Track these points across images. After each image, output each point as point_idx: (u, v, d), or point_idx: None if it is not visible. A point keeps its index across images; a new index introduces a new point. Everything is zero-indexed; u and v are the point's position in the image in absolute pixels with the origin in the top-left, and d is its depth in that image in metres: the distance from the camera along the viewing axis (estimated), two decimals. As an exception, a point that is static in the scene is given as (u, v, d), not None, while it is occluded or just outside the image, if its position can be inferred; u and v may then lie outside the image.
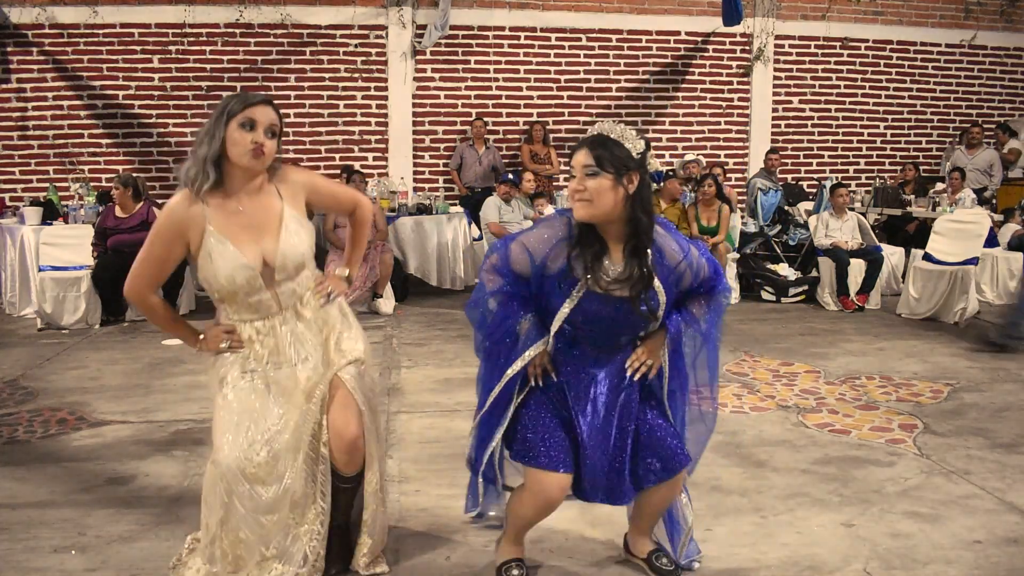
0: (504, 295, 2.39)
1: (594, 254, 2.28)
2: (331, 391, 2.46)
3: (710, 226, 7.64)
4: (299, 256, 2.41)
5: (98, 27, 8.77)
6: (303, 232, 2.44)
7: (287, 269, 2.40)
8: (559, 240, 2.31)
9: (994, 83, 10.75)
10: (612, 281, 2.28)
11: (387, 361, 5.46)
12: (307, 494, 2.43)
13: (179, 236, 2.33)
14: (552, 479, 2.32)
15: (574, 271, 2.29)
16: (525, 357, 2.36)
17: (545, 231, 2.35)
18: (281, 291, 2.42)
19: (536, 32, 9.63)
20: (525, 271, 2.36)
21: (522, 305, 2.38)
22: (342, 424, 2.42)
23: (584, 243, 2.28)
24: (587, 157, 2.23)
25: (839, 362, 5.40)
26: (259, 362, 2.43)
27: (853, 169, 10.57)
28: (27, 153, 8.92)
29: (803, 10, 10.13)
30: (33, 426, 4.15)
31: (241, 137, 2.27)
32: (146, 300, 2.43)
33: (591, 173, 2.22)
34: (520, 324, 2.37)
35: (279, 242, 2.37)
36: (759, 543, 2.83)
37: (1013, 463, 3.58)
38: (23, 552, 2.76)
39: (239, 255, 2.32)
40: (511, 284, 2.38)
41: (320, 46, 9.24)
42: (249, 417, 2.37)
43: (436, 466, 3.57)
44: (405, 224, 7.84)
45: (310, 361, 2.47)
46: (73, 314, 6.64)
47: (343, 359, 2.51)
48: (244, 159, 2.28)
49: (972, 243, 7.10)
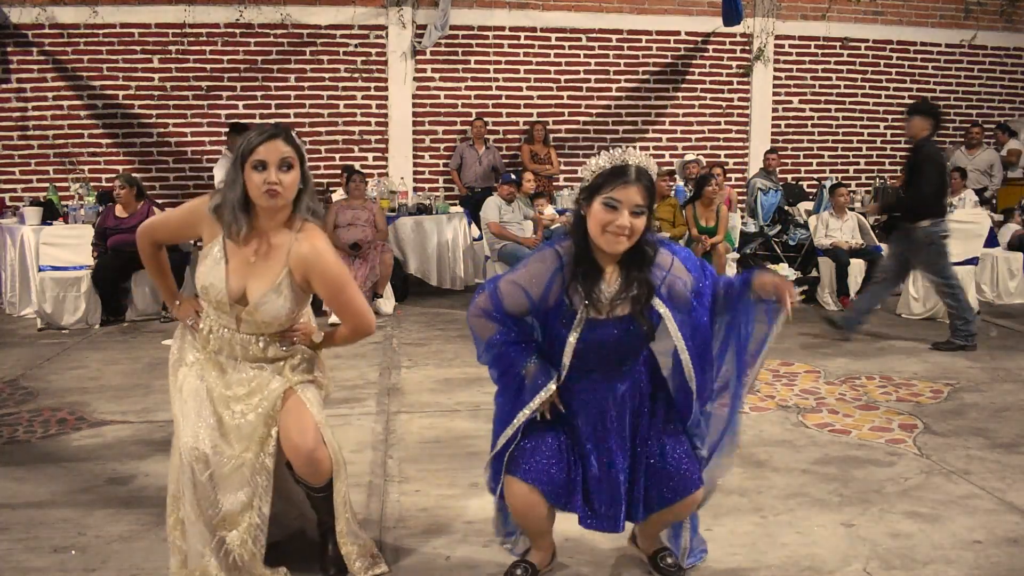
0: (500, 345, 2.32)
1: (590, 280, 2.24)
2: (283, 403, 2.44)
3: (709, 226, 7.63)
4: (271, 316, 2.40)
5: (98, 27, 8.76)
6: (288, 301, 2.40)
7: (253, 318, 2.41)
8: (553, 273, 2.26)
9: (994, 83, 10.74)
10: (611, 301, 2.25)
11: (387, 361, 5.46)
12: (244, 504, 2.39)
13: (195, 225, 2.45)
14: (520, 488, 2.31)
15: (572, 304, 2.25)
16: (532, 406, 2.30)
17: (536, 266, 2.28)
18: (244, 321, 2.43)
19: (536, 32, 9.62)
20: (522, 310, 2.31)
21: (522, 351, 2.31)
22: (298, 437, 2.40)
23: (577, 271, 2.24)
24: (640, 196, 2.17)
25: (839, 362, 5.40)
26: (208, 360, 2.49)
27: (853, 169, 10.56)
28: (27, 153, 8.91)
29: (803, 10, 10.12)
30: (33, 426, 4.15)
31: (256, 178, 2.27)
32: (147, 242, 2.56)
33: (639, 212, 2.17)
34: (525, 368, 2.31)
35: (263, 295, 2.37)
36: (759, 543, 2.83)
37: (1013, 463, 3.58)
38: (23, 552, 2.76)
39: (223, 280, 2.36)
40: (507, 329, 2.31)
41: (320, 46, 9.23)
42: (195, 413, 2.43)
43: (436, 466, 3.57)
44: (405, 224, 7.83)
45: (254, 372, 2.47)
46: (73, 314, 6.64)
47: (298, 376, 2.50)
48: (261, 200, 2.30)
49: (972, 243, 7.10)
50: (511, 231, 7.44)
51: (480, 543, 2.80)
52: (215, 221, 2.36)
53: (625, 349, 2.32)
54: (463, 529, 2.93)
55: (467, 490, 3.27)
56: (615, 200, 2.15)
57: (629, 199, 2.15)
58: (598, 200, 2.18)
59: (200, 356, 2.51)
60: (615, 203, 2.15)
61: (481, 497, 3.01)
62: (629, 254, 2.24)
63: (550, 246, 2.33)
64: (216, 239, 2.38)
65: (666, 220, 7.65)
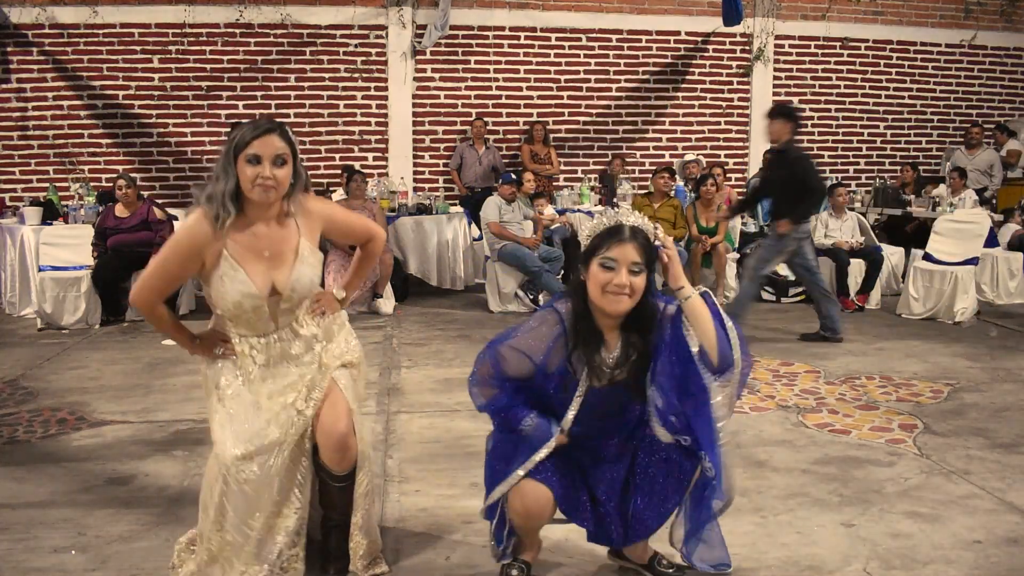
0: (502, 410, 2.34)
1: (591, 347, 2.25)
2: (324, 393, 2.49)
3: (709, 227, 7.63)
4: (308, 286, 2.45)
5: (98, 27, 8.77)
6: (315, 262, 2.47)
7: (293, 299, 2.44)
8: (556, 337, 2.27)
9: (994, 83, 10.75)
10: (612, 370, 2.27)
11: (387, 361, 5.46)
12: (285, 490, 2.43)
13: (196, 255, 2.34)
14: (534, 489, 2.32)
15: (575, 372, 2.27)
16: (543, 452, 2.32)
17: (538, 329, 2.29)
18: (281, 312, 2.45)
19: (536, 32, 9.63)
20: (525, 374, 2.32)
21: (522, 410, 2.32)
22: (331, 421, 2.44)
23: (580, 338, 2.25)
24: (637, 254, 2.17)
25: (839, 362, 5.40)
26: (248, 375, 2.46)
27: (853, 169, 10.57)
28: (27, 153, 8.92)
29: (803, 10, 10.13)
30: (33, 426, 4.15)
31: (250, 172, 2.28)
32: (154, 309, 2.45)
33: (637, 271, 2.18)
34: (525, 426, 2.32)
35: (292, 272, 2.40)
36: (759, 543, 2.83)
37: (1013, 463, 3.58)
38: (23, 552, 2.76)
39: (249, 283, 2.35)
40: (506, 393, 2.32)
41: (320, 46, 9.23)
42: (242, 413, 2.40)
43: (436, 466, 3.57)
44: (405, 224, 7.83)
45: (298, 369, 2.49)
46: (73, 314, 6.64)
47: (336, 361, 2.55)
48: (254, 194, 2.30)
49: (972, 243, 7.10)
50: (511, 231, 7.44)
51: (480, 543, 2.80)
52: (213, 232, 2.32)
53: (623, 406, 2.36)
54: (463, 529, 2.93)
55: (467, 490, 3.27)
56: (611, 259, 2.17)
57: (625, 257, 2.17)
58: (595, 261, 2.20)
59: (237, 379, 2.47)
60: (612, 263, 2.17)
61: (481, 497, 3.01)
62: (631, 318, 2.25)
63: (551, 307, 2.33)
64: (221, 255, 2.34)
65: (667, 220, 7.65)
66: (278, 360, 2.47)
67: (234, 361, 2.47)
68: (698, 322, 2.20)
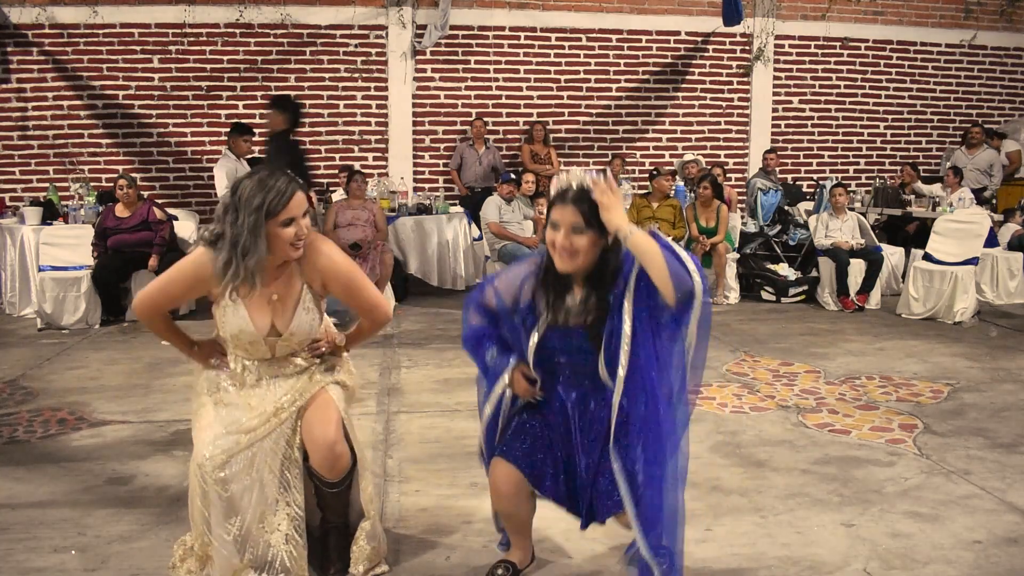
0: (471, 337, 2.47)
1: (557, 292, 2.33)
2: (310, 399, 2.49)
3: (709, 227, 7.64)
4: (307, 331, 2.49)
5: (98, 27, 8.76)
6: (314, 311, 2.49)
7: (291, 342, 2.48)
8: (526, 277, 2.38)
9: (994, 83, 10.74)
10: (568, 313, 2.33)
11: (387, 361, 5.46)
12: (275, 499, 2.43)
13: (201, 286, 2.42)
14: (500, 467, 2.38)
15: (536, 307, 2.35)
16: (502, 380, 2.40)
17: (514, 273, 2.42)
18: (279, 348, 2.50)
19: (536, 32, 9.63)
20: (495, 310, 2.44)
21: (490, 341, 2.44)
22: (320, 429, 2.44)
23: (549, 281, 2.33)
24: (575, 216, 2.21)
25: (839, 362, 5.40)
26: (241, 383, 2.50)
27: (853, 169, 10.56)
28: (27, 153, 8.91)
29: (803, 10, 10.12)
30: (33, 426, 4.15)
31: (289, 233, 2.29)
32: (155, 321, 2.53)
33: (578, 231, 2.22)
34: (488, 355, 2.44)
35: (293, 318, 2.44)
36: (759, 543, 2.83)
37: (1013, 463, 3.58)
38: (23, 552, 2.76)
39: (249, 322, 2.40)
40: (481, 325, 2.46)
41: (320, 46, 9.23)
42: (225, 416, 2.43)
43: (436, 466, 3.57)
44: (405, 224, 7.83)
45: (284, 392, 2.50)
46: (73, 314, 6.64)
47: (330, 377, 2.57)
48: (288, 253, 2.34)
49: (972, 243, 7.10)
50: (511, 231, 7.44)
51: (480, 543, 2.80)
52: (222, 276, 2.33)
53: (581, 358, 2.36)
54: (463, 529, 2.93)
55: (467, 490, 3.27)
56: (555, 221, 2.26)
57: (565, 219, 2.23)
58: (549, 221, 2.30)
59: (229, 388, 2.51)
60: (555, 224, 2.26)
61: (481, 497, 3.01)
62: (593, 274, 2.30)
63: (538, 254, 2.42)
64: (227, 289, 2.37)
65: (666, 221, 7.65)
66: (271, 378, 2.52)
67: (225, 377, 2.52)
68: (645, 257, 2.14)
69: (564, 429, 2.42)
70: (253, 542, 2.40)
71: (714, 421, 4.18)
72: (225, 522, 2.37)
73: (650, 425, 2.22)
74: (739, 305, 7.59)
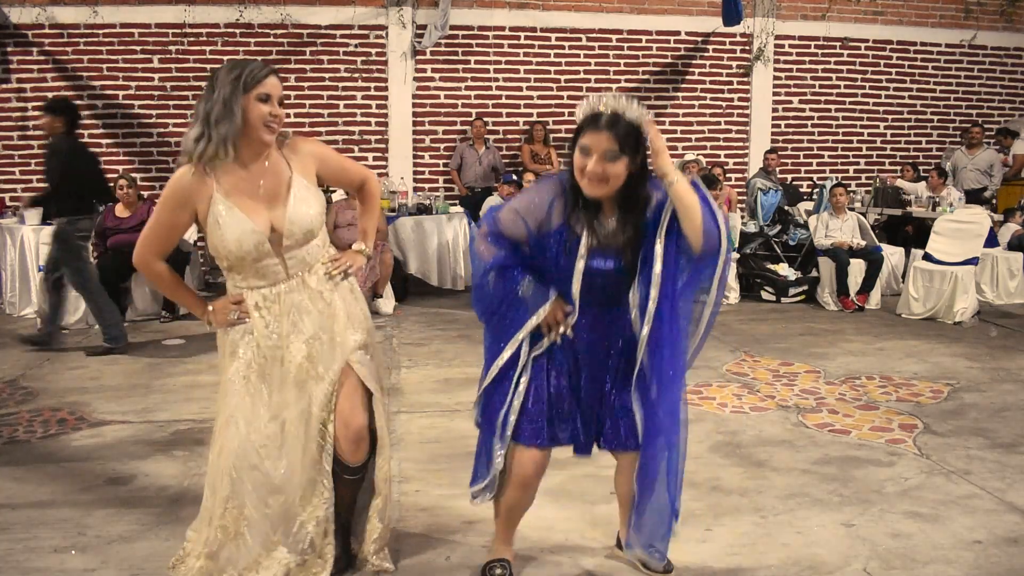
0: (500, 267, 2.36)
1: (590, 212, 2.28)
2: (341, 377, 2.44)
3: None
4: (307, 222, 2.40)
5: (98, 27, 8.76)
6: (312, 199, 2.42)
7: (295, 235, 2.39)
8: (552, 200, 2.31)
9: (994, 83, 10.74)
10: (609, 234, 2.28)
11: (387, 361, 5.46)
12: (312, 479, 2.43)
13: (186, 204, 2.32)
14: (523, 455, 2.36)
15: (575, 231, 2.29)
16: (540, 313, 2.33)
17: (536, 195, 2.34)
18: (289, 258, 2.41)
19: (536, 32, 9.63)
20: (520, 236, 2.35)
21: (521, 271, 2.36)
22: (348, 413, 2.43)
23: (580, 203, 2.28)
24: (611, 142, 2.17)
25: (839, 362, 5.40)
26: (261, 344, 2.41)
27: (853, 169, 10.56)
28: (27, 153, 8.91)
29: (803, 10, 10.12)
30: (33, 426, 4.15)
31: (263, 110, 2.27)
32: (152, 267, 2.43)
33: (613, 158, 2.19)
34: (522, 287, 2.35)
35: (287, 208, 2.36)
36: (759, 543, 2.83)
37: (1013, 463, 3.58)
38: (23, 552, 2.76)
39: (247, 220, 2.31)
40: (507, 254, 2.36)
41: (320, 46, 9.23)
42: (256, 396, 2.40)
43: (436, 466, 3.57)
44: (405, 224, 7.83)
45: (306, 335, 2.42)
46: (73, 314, 6.63)
47: (352, 340, 2.48)
48: (261, 132, 2.29)
49: (972, 243, 7.10)
50: (511, 231, 7.42)
51: (480, 543, 2.80)
52: (201, 178, 2.29)
53: (622, 285, 2.34)
54: (463, 529, 2.93)
55: (467, 490, 3.26)
56: (586, 146, 2.20)
57: (598, 144, 2.18)
58: (577, 146, 2.24)
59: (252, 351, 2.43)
60: (586, 149, 2.20)
61: (481, 497, 3.01)
62: (622, 201, 2.28)
63: (552, 177, 2.37)
64: (211, 198, 2.31)
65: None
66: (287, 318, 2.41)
67: (248, 328, 2.42)
68: (684, 206, 2.19)
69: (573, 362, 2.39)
70: (291, 523, 2.41)
71: (714, 421, 4.18)
72: (268, 497, 2.38)
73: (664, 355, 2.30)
74: (739, 305, 7.59)
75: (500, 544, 2.59)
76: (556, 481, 3.30)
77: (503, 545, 2.59)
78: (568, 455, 2.47)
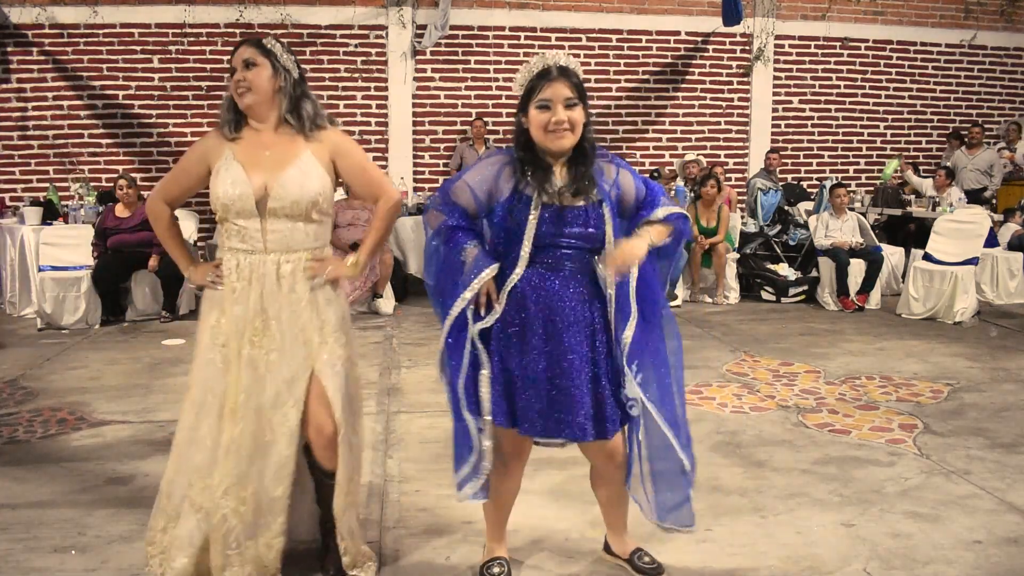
0: (447, 229, 2.34)
1: (540, 175, 2.30)
2: (311, 385, 2.44)
3: (709, 227, 7.64)
4: (297, 192, 2.42)
5: (98, 27, 8.76)
6: (313, 176, 2.45)
7: (282, 201, 2.41)
8: (500, 168, 2.35)
9: (994, 83, 10.74)
10: (560, 191, 2.29)
11: (387, 361, 5.46)
12: (276, 498, 2.42)
13: (203, 158, 2.53)
14: (505, 434, 2.35)
15: (525, 190, 2.30)
16: (474, 287, 2.26)
17: (486, 167, 2.39)
18: (272, 230, 2.43)
19: (536, 32, 9.62)
20: (469, 205, 2.36)
21: (466, 234, 2.34)
22: (322, 420, 2.44)
23: (529, 166, 2.32)
24: (568, 89, 2.25)
25: (839, 362, 5.40)
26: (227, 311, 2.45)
27: (853, 169, 10.56)
28: (27, 153, 8.91)
29: (803, 10, 10.12)
30: (33, 426, 4.15)
31: (233, 80, 2.49)
32: (157, 207, 2.60)
33: (572, 104, 2.26)
34: (465, 252, 2.30)
35: (283, 173, 2.43)
36: (759, 543, 2.83)
37: (1013, 463, 3.58)
38: (23, 552, 2.76)
39: (242, 173, 2.43)
40: (455, 218, 2.35)
41: (320, 46, 9.23)
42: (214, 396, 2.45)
43: (436, 466, 3.57)
44: (405, 224, 7.84)
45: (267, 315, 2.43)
46: (73, 314, 6.64)
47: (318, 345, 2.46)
48: (238, 99, 2.49)
49: (972, 243, 7.11)
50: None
51: (480, 543, 2.80)
52: (220, 141, 2.52)
53: (577, 243, 2.31)
54: (463, 529, 2.93)
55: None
56: (546, 100, 2.26)
57: (558, 94, 2.25)
58: (532, 105, 2.29)
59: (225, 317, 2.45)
60: (547, 102, 2.26)
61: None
62: (574, 153, 2.33)
63: (500, 152, 2.44)
64: (224, 158, 2.47)
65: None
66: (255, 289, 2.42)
67: (221, 294, 2.47)
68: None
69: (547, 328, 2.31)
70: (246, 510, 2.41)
71: (714, 421, 4.18)
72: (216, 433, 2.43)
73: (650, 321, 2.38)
74: (739, 305, 7.59)
75: (493, 542, 2.59)
76: (556, 481, 3.30)
77: (496, 543, 2.59)
78: (568, 455, 2.48)
